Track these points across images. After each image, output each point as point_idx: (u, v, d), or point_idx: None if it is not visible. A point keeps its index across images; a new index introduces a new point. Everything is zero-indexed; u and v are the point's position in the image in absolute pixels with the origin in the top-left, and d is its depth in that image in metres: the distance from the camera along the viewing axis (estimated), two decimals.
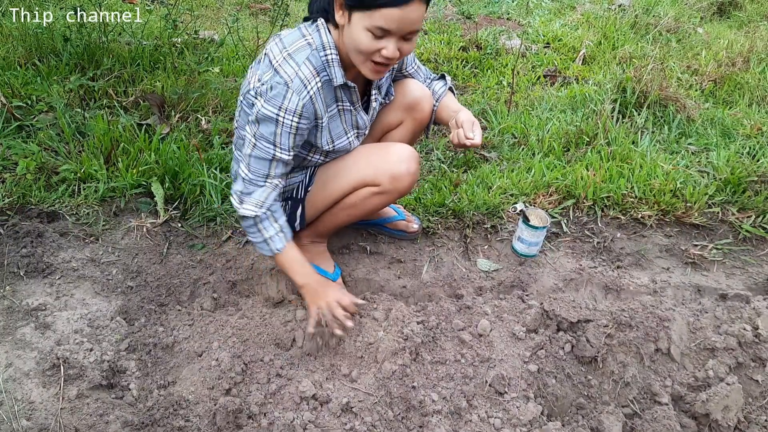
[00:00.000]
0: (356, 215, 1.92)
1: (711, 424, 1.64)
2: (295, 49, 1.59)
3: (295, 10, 4.61)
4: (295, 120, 1.59)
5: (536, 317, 1.80)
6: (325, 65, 1.61)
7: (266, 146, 1.62)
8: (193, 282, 1.99)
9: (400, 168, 1.76)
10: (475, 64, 4.00)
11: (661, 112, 3.20)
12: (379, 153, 1.82)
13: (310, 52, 1.59)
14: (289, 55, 1.59)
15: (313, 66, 1.59)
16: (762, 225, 2.46)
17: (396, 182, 1.77)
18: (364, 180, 1.80)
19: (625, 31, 4.54)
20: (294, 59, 1.58)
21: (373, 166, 1.79)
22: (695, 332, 1.83)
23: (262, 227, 1.70)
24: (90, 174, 2.25)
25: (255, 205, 1.67)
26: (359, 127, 1.82)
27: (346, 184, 1.83)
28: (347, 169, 1.83)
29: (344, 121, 1.77)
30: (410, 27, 1.52)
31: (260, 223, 1.69)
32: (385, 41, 1.52)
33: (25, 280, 1.85)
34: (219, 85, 2.99)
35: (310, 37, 1.60)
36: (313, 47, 1.60)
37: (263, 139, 1.61)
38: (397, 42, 1.54)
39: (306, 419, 1.49)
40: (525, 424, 1.51)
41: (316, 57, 1.60)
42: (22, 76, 2.73)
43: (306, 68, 1.58)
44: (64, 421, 1.45)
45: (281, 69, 1.57)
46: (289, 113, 1.58)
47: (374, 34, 1.50)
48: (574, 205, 2.50)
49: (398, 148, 1.81)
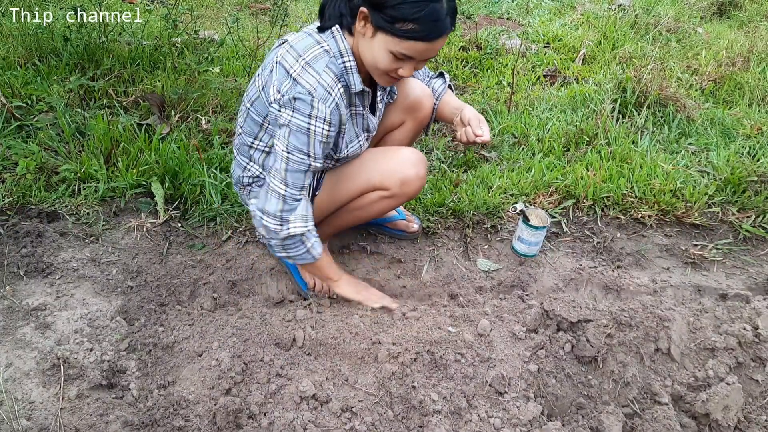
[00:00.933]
0: (363, 218, 1.92)
1: (711, 424, 1.64)
2: (312, 57, 1.56)
3: (295, 10, 4.61)
4: (326, 128, 1.58)
5: (536, 317, 1.80)
6: (343, 72, 1.60)
7: (301, 158, 1.59)
8: (193, 282, 1.99)
9: (409, 172, 1.77)
10: (475, 64, 4.00)
11: (661, 112, 3.20)
12: (387, 157, 1.82)
13: (328, 59, 1.57)
14: (307, 63, 1.55)
15: (333, 73, 1.57)
16: (762, 225, 2.46)
17: (405, 186, 1.78)
18: (373, 184, 1.80)
19: (625, 31, 4.54)
20: (313, 68, 1.55)
21: (381, 171, 1.79)
22: (695, 332, 1.83)
23: (305, 239, 1.68)
24: (90, 174, 2.25)
25: (303, 221, 1.65)
26: (369, 130, 1.82)
27: (355, 189, 1.83)
28: (356, 174, 1.82)
29: (356, 125, 1.76)
30: (432, 55, 1.56)
31: (305, 236, 1.67)
32: (405, 63, 1.55)
33: (25, 280, 1.85)
34: (219, 85, 2.99)
35: (326, 44, 1.58)
36: (330, 54, 1.58)
37: (297, 151, 1.58)
38: (416, 64, 1.57)
39: (306, 419, 1.49)
40: (525, 424, 1.51)
41: (335, 64, 1.58)
42: (22, 76, 2.73)
43: (327, 76, 1.56)
44: (64, 421, 1.45)
45: (301, 79, 1.54)
46: (320, 121, 1.56)
47: (396, 57, 1.52)
48: (574, 205, 2.50)
49: (407, 152, 1.81)
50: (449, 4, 1.48)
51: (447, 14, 1.48)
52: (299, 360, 1.71)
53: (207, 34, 3.61)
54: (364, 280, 2.10)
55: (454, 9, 1.51)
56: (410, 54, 1.51)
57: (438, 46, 1.53)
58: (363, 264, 2.16)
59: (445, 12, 1.47)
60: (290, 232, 1.64)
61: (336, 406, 1.53)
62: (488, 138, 1.76)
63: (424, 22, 1.45)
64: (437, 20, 1.46)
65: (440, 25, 1.47)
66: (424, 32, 1.46)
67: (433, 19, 1.45)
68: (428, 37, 1.48)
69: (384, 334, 1.73)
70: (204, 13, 4.32)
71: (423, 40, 1.48)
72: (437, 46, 1.53)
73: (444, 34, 1.50)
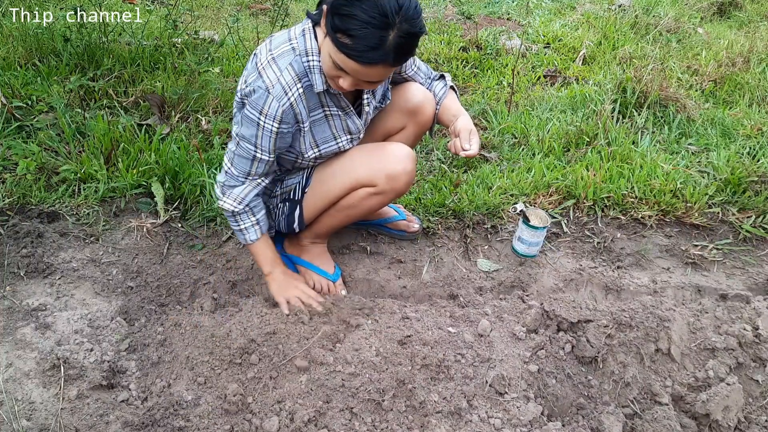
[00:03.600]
0: (354, 216, 1.91)
1: (711, 424, 1.64)
2: (279, 53, 1.60)
3: (295, 10, 4.61)
4: (275, 125, 1.62)
5: (536, 317, 1.80)
6: (307, 71, 1.62)
7: (248, 147, 1.66)
8: (193, 282, 1.99)
9: (396, 168, 1.76)
10: (475, 64, 4.00)
11: (661, 112, 3.20)
12: (375, 153, 1.81)
13: (293, 57, 1.60)
14: (273, 59, 1.60)
15: (295, 72, 1.60)
16: (762, 225, 2.46)
17: (392, 182, 1.77)
18: (360, 181, 1.79)
19: (625, 31, 4.54)
20: (277, 64, 1.59)
21: (369, 167, 1.78)
22: (695, 332, 1.83)
23: (239, 219, 1.79)
24: (90, 174, 2.25)
25: (235, 201, 1.74)
26: (351, 132, 1.82)
27: (343, 185, 1.82)
28: (344, 170, 1.83)
29: (333, 126, 1.77)
30: (369, 79, 1.52)
31: (238, 216, 1.78)
32: (344, 75, 1.52)
33: (26, 281, 1.85)
34: (219, 85, 2.99)
35: (295, 41, 1.61)
36: (296, 52, 1.60)
37: (245, 140, 1.66)
38: (356, 81, 1.53)
39: (306, 418, 1.49)
40: (525, 425, 1.51)
41: (299, 63, 1.60)
42: (22, 77, 2.73)
43: (288, 74, 1.59)
44: (64, 422, 1.45)
45: (264, 73, 1.59)
46: (269, 118, 1.60)
47: (335, 65, 1.50)
48: (574, 205, 2.50)
49: (394, 147, 1.80)
50: (398, 40, 1.42)
51: (391, 48, 1.42)
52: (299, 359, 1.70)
53: (207, 35, 3.61)
54: (364, 280, 2.10)
55: (403, 47, 1.44)
56: (344, 68, 1.48)
57: (373, 74, 1.48)
58: (363, 264, 2.16)
59: (390, 44, 1.41)
60: (222, 205, 1.77)
61: (336, 405, 1.53)
62: (474, 152, 1.73)
63: (360, 43, 1.41)
64: (375, 48, 1.41)
65: (376, 54, 1.42)
66: (357, 52, 1.42)
67: (371, 45, 1.41)
68: (360, 58, 1.43)
69: (384, 334, 1.72)
70: (204, 14, 4.32)
71: (355, 59, 1.44)
72: (372, 73, 1.48)
73: (379, 63, 1.44)
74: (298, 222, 1.94)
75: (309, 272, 2.04)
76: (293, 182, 1.92)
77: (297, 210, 1.92)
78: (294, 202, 1.92)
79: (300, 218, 1.93)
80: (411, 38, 1.45)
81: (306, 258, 2.05)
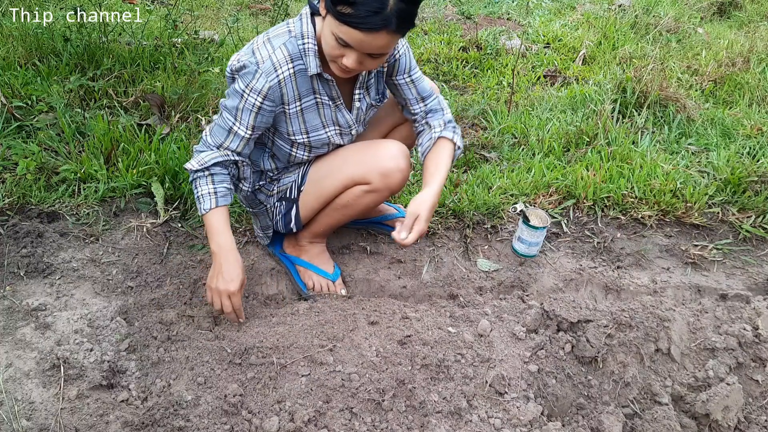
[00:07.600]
0: (351, 214, 1.92)
1: (711, 424, 1.64)
2: (275, 35, 1.65)
3: (295, 10, 4.61)
4: (259, 100, 1.63)
5: (536, 317, 1.80)
6: (301, 53, 1.64)
7: (228, 117, 1.68)
8: (193, 282, 1.99)
9: (389, 165, 1.76)
10: (475, 64, 4.00)
11: (661, 112, 3.20)
12: (368, 151, 1.81)
13: (288, 38, 1.63)
14: (268, 40, 1.64)
15: (288, 52, 1.63)
16: (762, 225, 2.46)
17: (386, 179, 1.77)
18: (354, 178, 1.80)
19: (625, 31, 4.54)
20: (271, 43, 1.63)
21: (362, 165, 1.78)
22: (695, 332, 1.83)
23: (198, 183, 1.71)
24: (90, 174, 2.25)
25: (198, 162, 1.70)
26: (340, 125, 1.81)
27: (338, 183, 1.83)
28: (337, 168, 1.83)
29: (322, 115, 1.77)
30: (373, 50, 1.51)
31: (197, 180, 1.72)
32: (348, 51, 1.52)
33: (25, 280, 1.85)
34: (219, 85, 2.99)
35: (292, 24, 1.65)
36: (292, 34, 1.64)
37: (227, 110, 1.68)
38: (360, 56, 1.53)
39: (306, 418, 1.49)
40: (525, 425, 1.51)
41: (293, 44, 1.63)
42: (22, 76, 2.73)
43: (280, 53, 1.62)
44: (64, 422, 1.45)
45: (257, 51, 1.64)
46: (254, 92, 1.63)
47: (338, 42, 1.51)
48: (574, 205, 2.50)
49: (388, 144, 1.80)
50: (399, 5, 1.42)
51: (392, 13, 1.42)
52: (299, 359, 1.70)
53: (207, 35, 3.61)
54: (364, 280, 2.10)
55: (404, 12, 1.44)
56: (348, 41, 1.48)
57: (377, 42, 1.47)
58: (363, 264, 2.16)
59: (391, 9, 1.41)
60: (185, 165, 1.73)
61: (336, 405, 1.53)
62: (408, 243, 1.65)
63: (362, 9, 1.41)
64: (377, 12, 1.41)
65: (378, 18, 1.41)
66: (359, 19, 1.42)
67: (372, 10, 1.40)
68: (362, 25, 1.43)
69: (384, 334, 1.72)
70: (204, 14, 4.32)
71: (358, 28, 1.44)
72: (375, 41, 1.47)
73: (383, 29, 1.44)
74: (295, 221, 1.94)
75: (308, 272, 2.04)
76: (288, 181, 1.92)
77: (293, 209, 1.92)
78: (290, 201, 1.92)
79: (296, 217, 1.93)
80: (412, 3, 1.46)
81: (305, 258, 2.06)
